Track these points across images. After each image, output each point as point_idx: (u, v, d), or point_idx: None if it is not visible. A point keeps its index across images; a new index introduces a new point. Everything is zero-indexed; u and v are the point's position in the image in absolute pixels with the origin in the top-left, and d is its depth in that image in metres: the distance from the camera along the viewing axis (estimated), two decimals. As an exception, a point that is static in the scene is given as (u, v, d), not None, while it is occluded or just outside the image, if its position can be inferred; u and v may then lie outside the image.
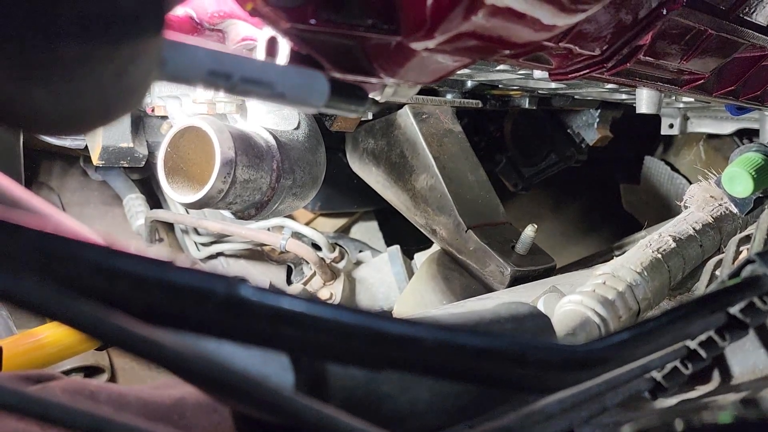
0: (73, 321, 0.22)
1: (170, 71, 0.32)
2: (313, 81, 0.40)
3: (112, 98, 0.28)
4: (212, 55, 0.34)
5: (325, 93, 0.40)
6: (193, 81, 0.33)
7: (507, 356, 0.30)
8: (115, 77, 0.27)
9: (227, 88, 0.34)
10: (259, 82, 0.36)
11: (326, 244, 1.40)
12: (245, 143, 0.76)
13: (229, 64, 0.34)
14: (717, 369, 0.57)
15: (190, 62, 0.33)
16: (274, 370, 0.35)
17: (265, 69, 0.36)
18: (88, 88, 0.27)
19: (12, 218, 0.23)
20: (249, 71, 0.35)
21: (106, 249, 0.24)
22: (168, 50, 0.31)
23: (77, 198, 1.67)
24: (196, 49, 0.33)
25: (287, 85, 0.37)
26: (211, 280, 0.25)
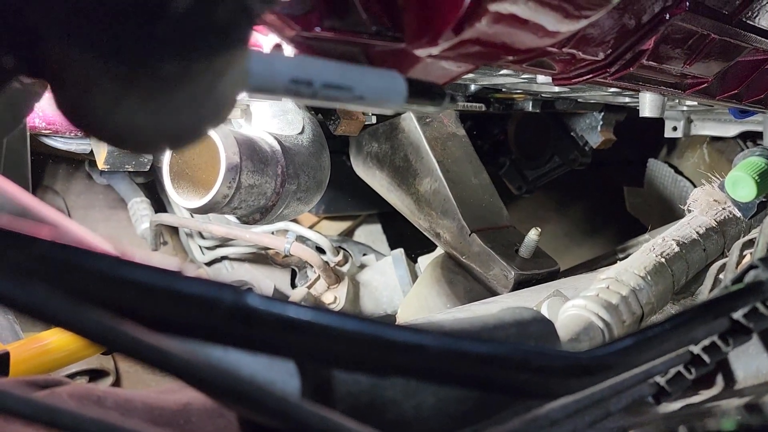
0: (82, 330, 0.23)
1: (255, 82, 0.32)
2: (391, 82, 0.40)
3: (205, 112, 0.29)
4: (293, 62, 0.34)
5: (403, 93, 0.41)
6: (277, 90, 0.34)
7: (510, 363, 0.30)
8: (208, 91, 0.27)
9: (309, 94, 0.35)
10: (340, 86, 0.36)
11: (330, 248, 1.40)
12: (250, 148, 0.77)
13: (310, 71, 0.34)
14: (721, 373, 0.57)
15: (273, 72, 0.33)
16: (280, 376, 0.35)
17: (344, 73, 0.37)
18: (184, 104, 0.27)
19: (22, 228, 0.23)
20: (329, 76, 0.35)
21: (115, 258, 0.24)
22: (251, 61, 0.32)
23: (82, 201, 1.68)
24: (277, 58, 0.34)
25: (367, 88, 0.38)
26: (218, 290, 0.25)
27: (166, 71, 0.25)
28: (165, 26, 0.24)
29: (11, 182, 0.36)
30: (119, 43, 0.24)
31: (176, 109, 0.28)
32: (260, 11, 0.29)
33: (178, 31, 0.24)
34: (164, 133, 0.29)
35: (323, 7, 0.47)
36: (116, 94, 0.25)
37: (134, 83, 0.25)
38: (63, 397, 0.44)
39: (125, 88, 0.25)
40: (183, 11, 0.24)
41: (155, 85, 0.26)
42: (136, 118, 0.27)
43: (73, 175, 1.68)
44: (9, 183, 0.36)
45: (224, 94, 0.30)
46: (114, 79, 0.25)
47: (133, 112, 0.27)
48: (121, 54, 0.24)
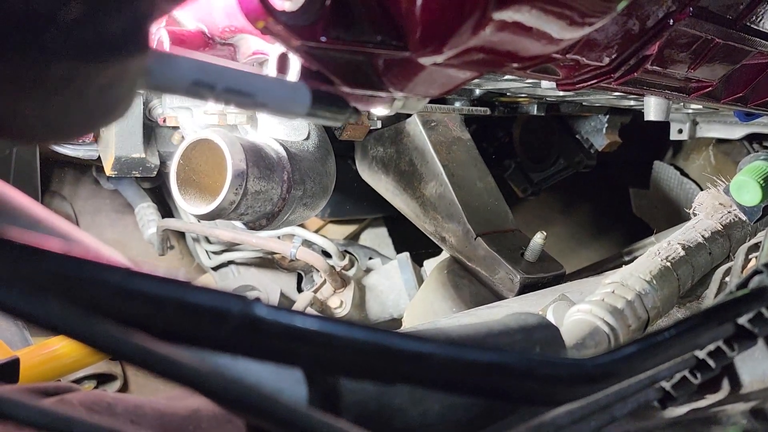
0: (94, 342, 0.23)
1: (155, 81, 0.33)
2: (294, 91, 0.41)
3: (97, 111, 0.29)
4: (196, 65, 0.35)
5: (306, 102, 0.41)
6: (177, 90, 0.34)
7: (516, 371, 0.31)
8: (100, 92, 0.28)
9: (211, 97, 0.35)
10: (242, 92, 0.36)
11: (336, 252, 1.40)
12: (256, 155, 0.77)
13: (213, 75, 0.35)
14: (726, 378, 0.57)
15: (175, 73, 0.33)
16: (288, 384, 0.36)
17: (248, 80, 0.37)
18: (74, 103, 0.28)
19: (35, 242, 0.24)
20: (232, 82, 0.36)
21: (125, 270, 0.25)
22: (153, 61, 0.32)
23: (89, 206, 1.69)
24: (181, 60, 0.34)
25: (269, 96, 0.38)
26: (227, 300, 0.26)
27: (52, 75, 0.26)
28: (53, 35, 0.25)
29: (22, 193, 0.37)
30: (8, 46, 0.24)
31: (65, 108, 0.28)
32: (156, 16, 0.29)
33: (66, 40, 0.25)
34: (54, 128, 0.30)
35: (328, 18, 0.47)
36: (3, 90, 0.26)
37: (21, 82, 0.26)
38: (73, 404, 0.45)
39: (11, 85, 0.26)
40: (71, 21, 0.25)
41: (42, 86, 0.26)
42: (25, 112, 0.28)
43: (81, 181, 1.69)
44: (20, 194, 0.36)
45: (120, 94, 0.30)
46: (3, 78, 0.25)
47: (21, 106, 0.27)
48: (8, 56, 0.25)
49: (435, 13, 0.46)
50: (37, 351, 0.73)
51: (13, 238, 0.24)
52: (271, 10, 0.46)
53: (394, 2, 0.47)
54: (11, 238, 0.23)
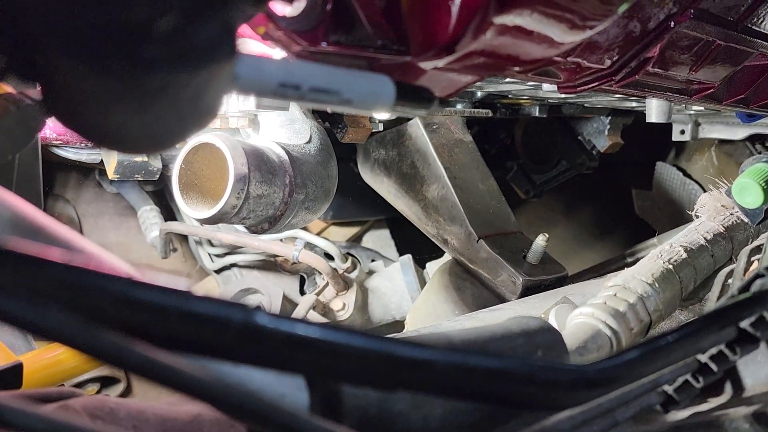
0: (96, 352, 0.23)
1: (243, 85, 0.33)
2: (379, 85, 0.41)
3: (189, 118, 0.30)
4: (282, 66, 0.35)
5: (391, 96, 0.41)
6: (264, 92, 0.35)
7: (517, 377, 0.31)
8: (192, 100, 0.29)
9: (297, 97, 0.36)
10: (327, 90, 0.37)
11: (338, 255, 1.41)
12: (258, 159, 0.77)
13: (298, 75, 0.35)
14: (729, 381, 0.57)
15: (261, 75, 0.34)
16: (290, 390, 0.36)
17: (332, 77, 0.37)
18: (167, 112, 0.29)
19: (39, 252, 0.24)
20: (317, 80, 0.36)
21: (127, 280, 0.25)
22: (240, 65, 0.33)
23: (92, 209, 1.69)
24: (266, 62, 0.34)
25: (354, 91, 0.38)
26: (228, 309, 0.26)
27: (149, 85, 0.27)
28: (150, 46, 0.26)
29: (24, 201, 0.37)
30: (108, 59, 0.25)
31: (161, 117, 0.29)
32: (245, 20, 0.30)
33: (161, 50, 0.26)
34: (150, 137, 0.31)
35: (329, 23, 0.47)
36: (104, 102, 0.28)
37: (121, 94, 0.27)
38: (77, 410, 0.45)
39: (112, 98, 0.27)
40: (167, 33, 0.25)
41: (140, 97, 0.27)
42: (123, 123, 0.29)
43: (84, 184, 1.69)
44: (22, 201, 0.37)
45: (209, 101, 0.31)
46: (102, 89, 0.27)
47: (119, 118, 0.29)
48: (109, 69, 0.26)
49: (436, 17, 0.46)
50: (40, 355, 0.73)
51: (16, 249, 0.24)
52: (272, 15, 0.46)
53: (394, 7, 0.47)
54: (14, 248, 0.23)
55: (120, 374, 1.34)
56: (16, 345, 0.87)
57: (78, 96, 0.27)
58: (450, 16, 0.45)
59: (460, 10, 0.45)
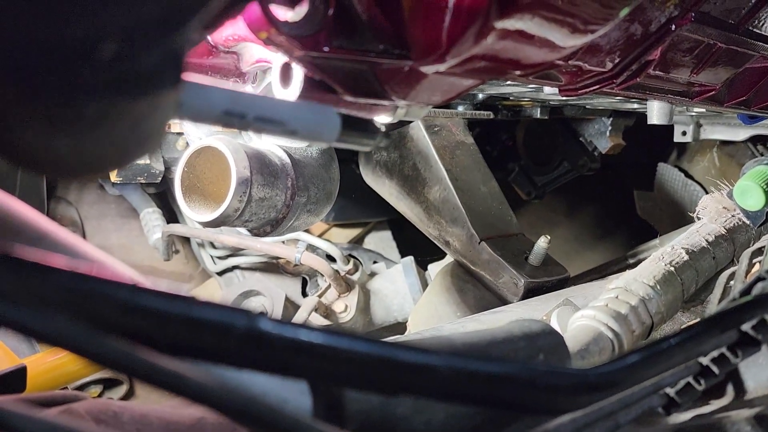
0: (101, 358, 0.23)
1: (186, 112, 0.33)
2: (325, 117, 0.41)
3: (129, 145, 0.30)
4: (227, 95, 0.35)
5: (336, 128, 0.42)
6: (208, 120, 0.35)
7: (518, 382, 0.31)
8: (134, 126, 0.28)
9: (242, 126, 0.36)
10: (273, 120, 0.37)
11: (340, 257, 1.41)
12: (260, 162, 0.78)
13: (244, 104, 0.35)
14: (731, 383, 0.57)
15: (206, 103, 0.34)
16: (293, 395, 0.36)
17: (278, 108, 0.38)
18: (106, 138, 0.28)
19: (44, 260, 0.24)
20: (262, 110, 0.36)
21: (131, 287, 0.25)
22: (185, 92, 0.32)
23: (95, 211, 1.70)
24: (212, 90, 0.34)
25: (300, 123, 0.39)
26: (232, 315, 0.26)
27: (87, 112, 0.26)
28: (89, 72, 0.24)
29: (28, 206, 0.37)
30: (42, 84, 0.24)
31: (98, 144, 0.28)
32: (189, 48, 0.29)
33: (101, 77, 0.25)
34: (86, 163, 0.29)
35: (331, 28, 0.47)
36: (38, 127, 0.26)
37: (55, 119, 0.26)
38: (81, 413, 0.45)
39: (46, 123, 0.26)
40: (107, 58, 0.24)
41: (76, 123, 0.26)
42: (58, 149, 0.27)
43: (86, 186, 1.70)
44: (26, 207, 0.37)
45: (150, 128, 0.30)
46: (34, 114, 0.25)
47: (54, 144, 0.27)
48: (43, 94, 0.24)
49: (437, 22, 0.46)
50: (44, 358, 0.74)
51: (21, 256, 0.24)
52: (274, 20, 0.47)
53: (396, 11, 0.48)
54: (18, 255, 0.24)
55: (123, 376, 1.34)
56: (19, 348, 0.87)
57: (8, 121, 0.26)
58: (451, 20, 0.46)
59: (462, 15, 0.45)
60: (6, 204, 0.34)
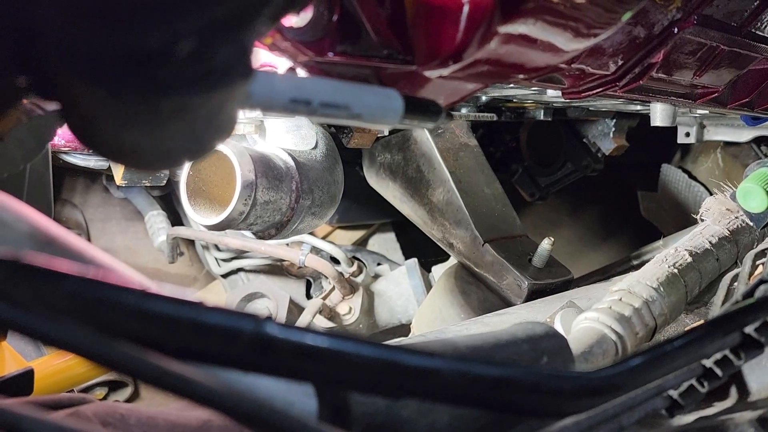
0: (111, 363, 0.24)
1: (256, 102, 0.34)
2: (387, 100, 0.41)
3: (204, 137, 0.31)
4: (293, 82, 0.36)
5: (399, 110, 0.42)
6: (276, 108, 0.35)
7: (522, 385, 0.31)
8: (208, 118, 0.30)
9: (308, 112, 0.36)
10: (337, 105, 0.37)
11: (344, 259, 1.41)
12: (265, 165, 0.78)
13: (309, 91, 0.36)
14: (734, 385, 0.57)
15: (273, 92, 0.34)
16: (298, 398, 0.36)
17: (342, 92, 0.38)
18: (183, 131, 0.30)
19: (55, 266, 0.25)
20: (327, 96, 0.37)
21: (140, 292, 0.25)
22: (253, 82, 0.33)
23: (100, 214, 1.70)
24: (277, 78, 0.35)
25: (364, 106, 0.39)
26: (239, 320, 0.27)
27: (165, 107, 0.27)
28: (167, 70, 0.26)
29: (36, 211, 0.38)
30: (124, 82, 0.26)
31: (176, 136, 0.30)
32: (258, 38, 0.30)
33: (178, 74, 0.26)
34: (165, 155, 0.31)
35: (335, 33, 0.48)
36: (121, 122, 0.28)
37: (137, 115, 0.28)
38: (88, 416, 0.46)
39: (129, 118, 0.28)
40: (184, 58, 0.26)
41: (156, 118, 0.28)
42: (139, 142, 0.29)
43: (91, 188, 1.70)
44: (36, 212, 0.37)
45: (224, 119, 0.32)
46: (118, 110, 0.27)
47: (135, 137, 0.29)
48: (126, 92, 0.26)
49: (440, 27, 0.47)
50: (50, 361, 0.74)
51: (31, 262, 0.25)
52: (279, 26, 0.47)
53: (400, 16, 0.48)
54: (29, 261, 0.24)
55: (128, 378, 1.35)
56: (26, 351, 0.88)
57: (95, 116, 0.28)
58: (455, 25, 0.46)
59: (465, 20, 0.45)
60: (15, 209, 0.34)
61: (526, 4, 0.45)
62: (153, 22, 0.24)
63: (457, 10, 0.45)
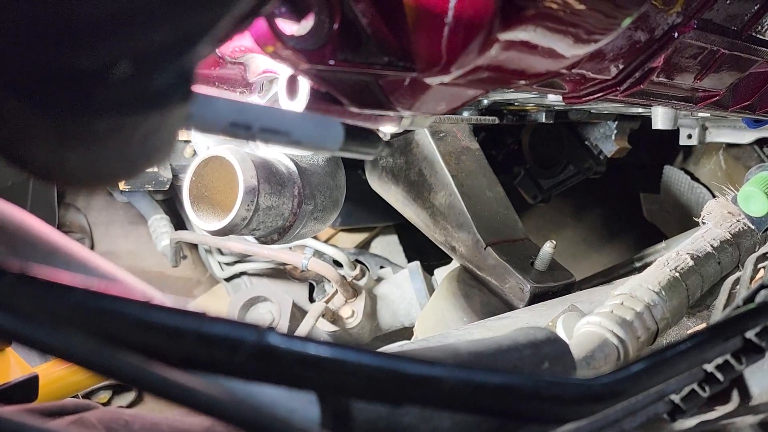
0: (116, 374, 0.24)
1: (195, 124, 0.34)
2: (328, 128, 0.42)
3: (141, 157, 0.30)
4: (234, 107, 0.36)
5: (339, 139, 0.42)
6: (215, 131, 0.35)
7: (523, 392, 0.31)
8: (144, 139, 0.29)
9: (248, 137, 0.37)
10: (277, 131, 0.38)
11: (347, 262, 1.41)
12: (267, 171, 0.78)
13: (249, 116, 0.36)
14: (736, 389, 0.58)
15: (214, 115, 0.35)
16: (301, 405, 0.37)
17: (282, 118, 0.38)
18: (117, 151, 0.29)
19: (59, 278, 0.25)
20: (267, 121, 0.37)
21: (144, 304, 0.26)
22: (193, 104, 0.33)
23: (103, 218, 1.71)
24: (219, 102, 0.35)
25: (304, 133, 0.39)
26: (241, 330, 0.27)
27: (99, 127, 0.27)
28: (100, 92, 0.25)
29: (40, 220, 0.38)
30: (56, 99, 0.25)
31: (110, 156, 0.29)
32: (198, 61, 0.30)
33: (113, 96, 0.26)
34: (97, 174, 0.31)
35: (336, 41, 0.48)
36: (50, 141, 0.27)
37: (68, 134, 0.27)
38: (93, 423, 0.46)
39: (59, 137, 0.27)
40: (120, 80, 0.25)
41: (89, 137, 0.27)
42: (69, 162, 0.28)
43: (95, 193, 1.71)
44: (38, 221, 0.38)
45: (161, 140, 0.31)
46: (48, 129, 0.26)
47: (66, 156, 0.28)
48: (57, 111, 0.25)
49: (440, 34, 0.47)
50: (55, 366, 0.74)
51: (36, 274, 0.25)
52: (280, 35, 0.47)
53: (400, 24, 0.48)
54: (36, 274, 0.24)
55: (132, 382, 1.35)
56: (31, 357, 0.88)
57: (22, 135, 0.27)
58: (455, 33, 0.46)
59: (465, 27, 0.45)
60: (21, 220, 0.35)
61: (526, 11, 0.45)
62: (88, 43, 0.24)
63: (456, 18, 0.45)
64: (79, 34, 0.23)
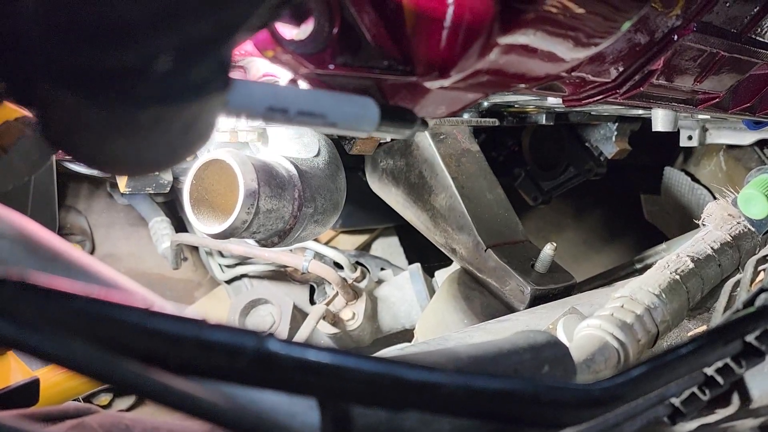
0: (117, 381, 0.24)
1: (233, 110, 0.34)
2: (363, 108, 0.42)
3: (181, 145, 0.32)
4: (270, 90, 0.36)
5: (375, 119, 0.42)
6: (253, 116, 0.36)
7: (523, 398, 0.31)
8: (184, 128, 0.30)
9: (285, 120, 0.37)
10: (314, 114, 0.38)
11: (348, 264, 1.41)
12: (267, 174, 0.78)
13: (286, 99, 0.36)
14: (736, 392, 0.58)
15: (251, 100, 0.35)
16: (301, 409, 0.37)
17: (318, 101, 0.39)
18: (160, 140, 0.30)
19: (59, 285, 0.25)
20: (304, 104, 0.37)
21: (145, 311, 0.26)
22: (231, 91, 0.33)
23: (104, 220, 1.71)
24: (255, 87, 0.35)
25: (339, 115, 0.40)
26: (241, 336, 0.27)
27: (143, 118, 0.28)
28: (143, 86, 0.27)
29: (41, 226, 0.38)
30: (102, 94, 0.27)
31: (153, 145, 0.31)
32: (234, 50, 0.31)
33: (155, 88, 0.27)
34: (141, 163, 0.32)
35: (336, 45, 0.48)
36: (96, 131, 0.29)
37: (114, 126, 0.28)
38: (93, 427, 0.46)
39: (105, 129, 0.28)
40: (162, 73, 0.27)
41: (133, 128, 0.29)
42: (115, 151, 0.30)
43: (95, 194, 1.71)
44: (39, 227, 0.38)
45: (200, 128, 0.32)
46: (95, 119, 0.28)
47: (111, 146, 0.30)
48: (103, 104, 0.27)
49: (440, 38, 0.47)
50: (55, 370, 0.74)
51: (36, 282, 0.25)
52: (280, 39, 0.47)
53: (399, 29, 0.48)
54: (36, 282, 0.24)
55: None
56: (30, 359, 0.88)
57: (71, 125, 0.28)
58: (454, 37, 0.46)
59: (465, 31, 0.45)
60: (21, 226, 0.35)
61: (525, 15, 0.45)
62: (130, 40, 0.25)
63: (456, 22, 0.45)
64: (120, 33, 0.24)
